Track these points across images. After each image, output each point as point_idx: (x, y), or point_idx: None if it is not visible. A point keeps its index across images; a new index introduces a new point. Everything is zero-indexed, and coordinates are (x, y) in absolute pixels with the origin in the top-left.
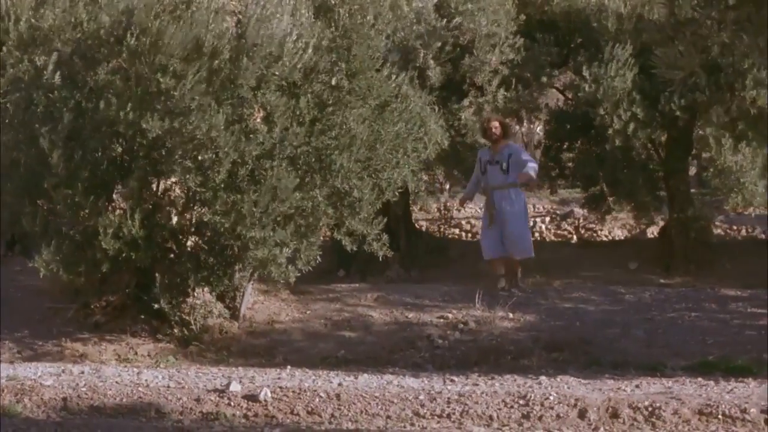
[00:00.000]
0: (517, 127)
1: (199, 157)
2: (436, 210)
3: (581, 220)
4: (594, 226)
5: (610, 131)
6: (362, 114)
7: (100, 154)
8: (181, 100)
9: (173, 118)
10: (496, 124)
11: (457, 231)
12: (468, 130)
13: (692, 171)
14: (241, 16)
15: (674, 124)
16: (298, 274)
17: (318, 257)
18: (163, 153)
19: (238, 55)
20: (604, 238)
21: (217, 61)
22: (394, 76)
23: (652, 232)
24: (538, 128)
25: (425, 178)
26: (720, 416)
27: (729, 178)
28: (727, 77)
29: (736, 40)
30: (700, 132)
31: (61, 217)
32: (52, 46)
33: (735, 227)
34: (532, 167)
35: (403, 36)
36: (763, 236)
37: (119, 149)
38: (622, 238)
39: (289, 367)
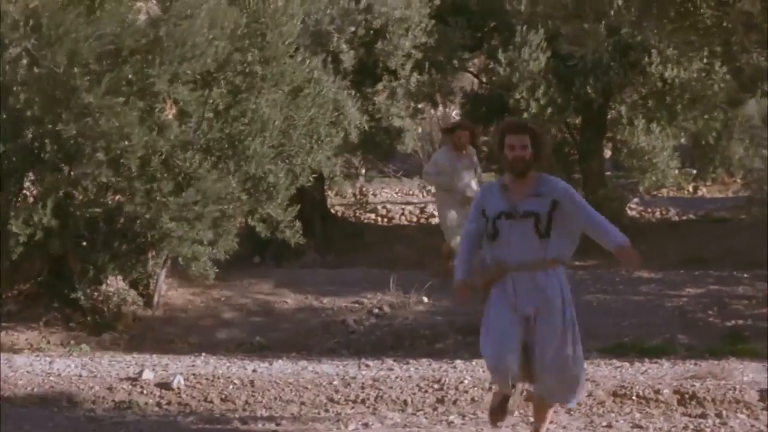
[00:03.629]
0: (432, 112)
1: (110, 149)
2: (351, 195)
3: None
4: None
5: (526, 115)
6: (275, 100)
7: (8, 142)
8: (97, 100)
9: (84, 117)
10: (524, 138)
11: (372, 216)
12: (382, 115)
13: (607, 154)
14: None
15: (588, 107)
16: (215, 270)
17: (235, 245)
18: (74, 148)
19: (153, 55)
20: None
21: (134, 59)
22: (307, 61)
23: None
24: (454, 112)
25: (340, 162)
26: (634, 397)
27: (642, 159)
28: (637, 56)
29: (644, 19)
30: (614, 113)
31: None
32: None
33: (649, 209)
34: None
35: (316, 19)
36: (676, 218)
37: (29, 136)
38: None
39: (203, 354)
